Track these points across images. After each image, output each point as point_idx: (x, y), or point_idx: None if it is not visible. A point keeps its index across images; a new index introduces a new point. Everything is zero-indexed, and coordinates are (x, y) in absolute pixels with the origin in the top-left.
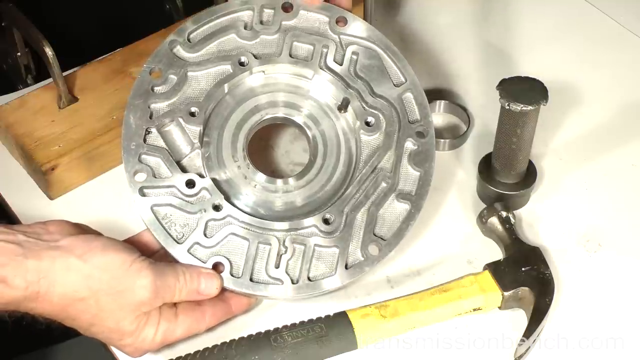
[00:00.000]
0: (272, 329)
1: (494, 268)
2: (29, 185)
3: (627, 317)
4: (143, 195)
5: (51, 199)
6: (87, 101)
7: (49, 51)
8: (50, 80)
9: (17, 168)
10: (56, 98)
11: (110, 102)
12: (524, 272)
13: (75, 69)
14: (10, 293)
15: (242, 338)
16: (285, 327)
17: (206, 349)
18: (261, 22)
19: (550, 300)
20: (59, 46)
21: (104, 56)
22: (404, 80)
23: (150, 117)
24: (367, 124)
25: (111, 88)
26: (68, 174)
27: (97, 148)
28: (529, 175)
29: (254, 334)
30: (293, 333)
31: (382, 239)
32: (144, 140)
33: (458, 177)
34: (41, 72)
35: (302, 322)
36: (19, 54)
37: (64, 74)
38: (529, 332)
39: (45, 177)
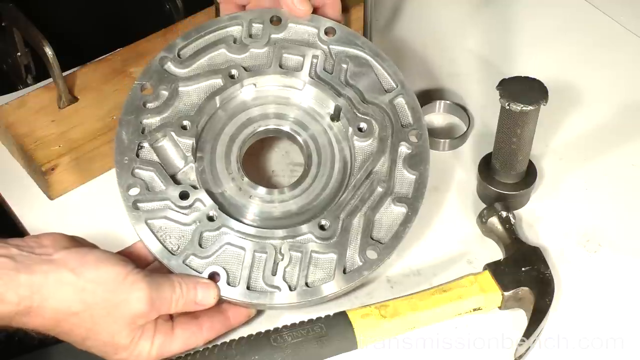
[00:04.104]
0: (272, 329)
1: (494, 268)
2: (29, 185)
3: (627, 317)
4: (137, 209)
5: (51, 199)
6: (87, 101)
7: (49, 51)
8: (50, 80)
9: (17, 168)
10: (56, 98)
11: (110, 102)
12: (524, 272)
13: (75, 69)
14: (3, 308)
15: (242, 338)
16: (285, 327)
17: (206, 349)
18: (250, 36)
19: (550, 300)
20: (59, 46)
21: (104, 56)
22: (394, 85)
23: (143, 132)
24: (360, 130)
25: (111, 88)
26: (68, 174)
27: (98, 148)
28: (529, 175)
29: (254, 334)
30: (293, 333)
31: (380, 242)
32: (137, 155)
33: (458, 177)
34: (41, 72)
35: (302, 322)
36: (19, 54)
37: (64, 74)
38: (529, 332)
39: (45, 177)
